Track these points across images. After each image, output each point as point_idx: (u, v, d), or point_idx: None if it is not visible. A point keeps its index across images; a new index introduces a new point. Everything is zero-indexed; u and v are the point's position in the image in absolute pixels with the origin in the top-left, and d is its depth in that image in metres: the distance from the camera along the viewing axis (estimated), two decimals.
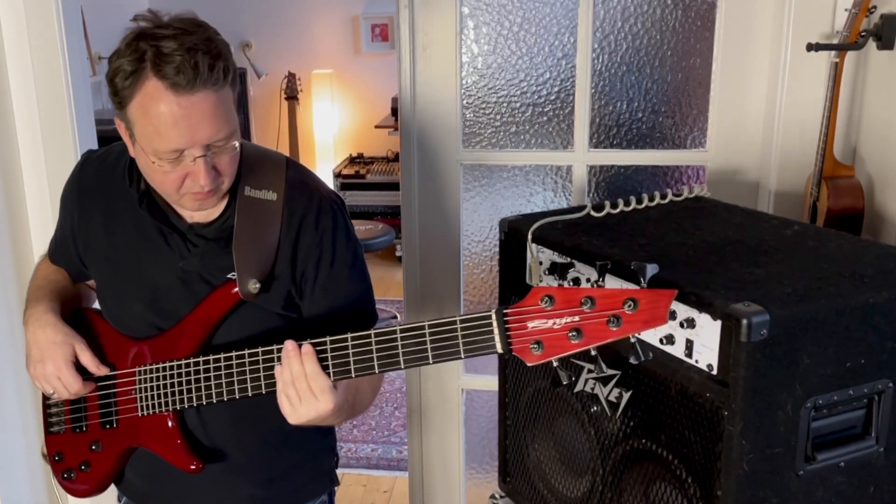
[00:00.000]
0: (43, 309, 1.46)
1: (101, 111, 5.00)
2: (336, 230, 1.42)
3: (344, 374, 1.27)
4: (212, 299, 1.40)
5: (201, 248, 1.41)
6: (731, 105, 2.20)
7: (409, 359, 1.25)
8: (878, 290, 1.33)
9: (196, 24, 1.26)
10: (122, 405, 1.44)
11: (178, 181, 1.29)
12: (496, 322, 1.20)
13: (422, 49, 2.25)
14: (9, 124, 2.27)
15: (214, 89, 1.23)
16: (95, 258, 1.49)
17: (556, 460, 1.69)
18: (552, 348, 1.16)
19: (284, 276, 1.41)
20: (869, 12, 1.90)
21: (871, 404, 1.36)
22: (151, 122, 1.23)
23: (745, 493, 1.28)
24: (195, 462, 1.43)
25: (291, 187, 1.42)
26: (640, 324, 1.13)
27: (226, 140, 1.28)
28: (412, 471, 2.58)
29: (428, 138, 2.31)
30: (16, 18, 2.22)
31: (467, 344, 1.22)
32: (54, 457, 1.51)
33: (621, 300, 1.13)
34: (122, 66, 1.22)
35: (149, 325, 1.44)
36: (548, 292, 1.16)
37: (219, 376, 1.34)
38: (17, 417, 2.31)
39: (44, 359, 1.42)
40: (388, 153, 6.20)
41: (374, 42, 6.06)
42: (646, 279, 1.16)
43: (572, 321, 1.15)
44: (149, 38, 1.22)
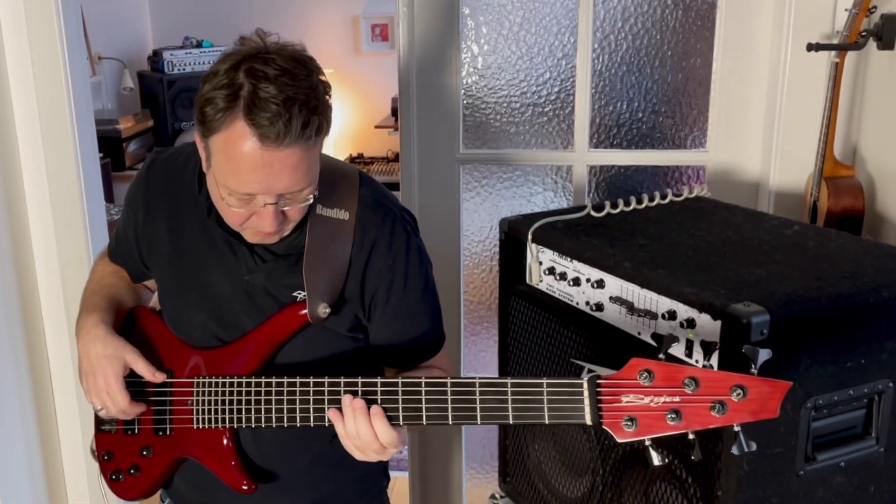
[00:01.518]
0: (94, 321, 1.41)
1: (101, 111, 5.00)
2: (409, 252, 1.38)
3: (415, 421, 1.22)
4: (279, 318, 1.36)
5: (269, 264, 1.36)
6: (731, 105, 2.20)
7: (486, 415, 1.18)
8: (878, 290, 1.33)
9: (302, 66, 1.19)
10: (177, 414, 1.40)
11: (243, 217, 1.26)
12: (587, 392, 1.13)
13: (422, 49, 2.25)
14: (9, 124, 2.27)
15: (304, 147, 1.18)
16: (158, 262, 1.45)
17: (556, 460, 1.69)
18: (647, 427, 1.10)
19: (354, 298, 1.36)
20: (869, 12, 1.90)
21: (871, 404, 1.36)
22: (231, 162, 1.19)
23: (745, 493, 1.29)
24: (248, 483, 1.39)
25: (364, 206, 1.37)
26: (748, 414, 1.06)
27: (301, 191, 1.24)
28: (412, 471, 2.58)
29: (428, 139, 2.31)
30: (16, 18, 2.21)
31: (553, 409, 1.15)
32: (103, 455, 1.47)
33: (729, 386, 1.06)
34: (216, 99, 1.16)
35: (210, 335, 1.40)
36: (647, 366, 1.09)
37: (280, 401, 1.29)
38: (17, 417, 2.31)
39: (94, 372, 1.38)
40: (388, 153, 6.20)
41: (374, 42, 6.05)
42: (757, 365, 1.08)
43: (672, 401, 1.08)
44: (249, 73, 1.15)
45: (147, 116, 5.12)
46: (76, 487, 2.55)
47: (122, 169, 4.75)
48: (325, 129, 1.21)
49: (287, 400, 1.29)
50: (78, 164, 2.30)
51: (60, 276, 2.37)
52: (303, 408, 1.28)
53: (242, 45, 1.20)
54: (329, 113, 1.22)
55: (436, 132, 2.30)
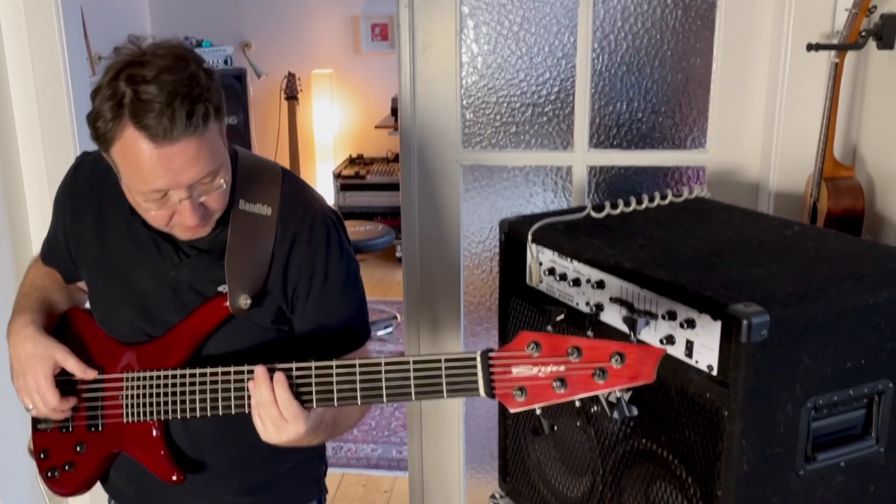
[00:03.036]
0: (24, 322, 1.44)
1: None
2: (329, 246, 1.41)
3: (326, 402, 1.27)
4: (202, 312, 1.40)
5: (193, 259, 1.40)
6: (731, 105, 2.20)
7: (391, 393, 1.24)
8: (878, 290, 1.33)
9: (180, 59, 1.22)
10: (109, 409, 1.43)
11: (166, 218, 1.30)
12: (480, 365, 1.18)
13: (422, 49, 2.25)
14: (9, 124, 2.27)
15: (196, 135, 1.21)
16: (86, 261, 1.49)
17: (556, 460, 1.69)
18: (535, 396, 1.15)
19: (276, 291, 1.40)
20: (869, 12, 1.90)
21: (871, 404, 1.36)
22: (132, 168, 1.23)
23: (745, 493, 1.29)
24: (177, 473, 1.42)
25: (286, 202, 1.41)
26: (626, 379, 1.12)
27: (211, 178, 1.27)
28: (412, 471, 2.58)
29: (428, 138, 2.31)
30: (16, 18, 2.21)
31: (451, 384, 1.20)
32: (40, 454, 1.51)
33: (608, 353, 1.12)
34: (103, 112, 1.20)
35: (137, 331, 1.43)
36: (535, 338, 1.15)
37: (203, 391, 1.34)
38: (17, 418, 2.31)
39: (24, 372, 1.41)
40: (388, 154, 6.20)
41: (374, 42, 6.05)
42: (637, 333, 1.17)
43: (557, 370, 1.14)
44: (128, 80, 1.19)
45: None
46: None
47: None
48: (215, 113, 1.24)
49: (210, 390, 1.33)
50: None
51: None
52: (224, 396, 1.32)
53: (118, 55, 1.24)
54: (217, 97, 1.25)
55: (436, 132, 2.30)
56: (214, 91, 1.25)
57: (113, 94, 1.20)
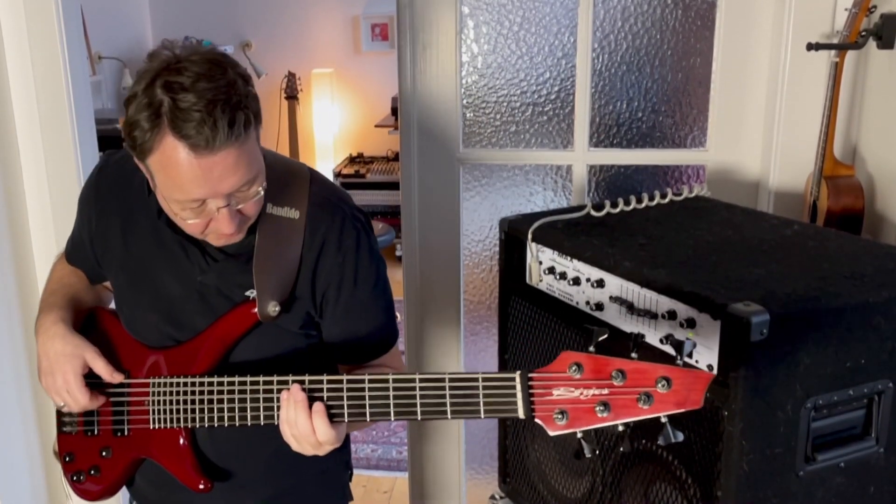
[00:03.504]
0: (53, 319, 1.42)
1: (101, 111, 5.00)
2: (359, 251, 1.38)
3: (358, 418, 1.23)
4: (230, 317, 1.37)
5: (221, 264, 1.37)
6: (731, 104, 2.20)
7: (426, 410, 1.19)
8: (878, 290, 1.33)
9: (216, 65, 1.19)
10: (135, 415, 1.41)
11: (202, 226, 1.27)
12: (520, 385, 1.14)
13: (422, 49, 2.25)
14: (9, 124, 2.27)
15: (237, 144, 1.17)
16: (112, 264, 1.46)
17: (556, 460, 1.69)
18: (577, 420, 1.11)
19: (305, 296, 1.37)
20: (869, 12, 1.90)
21: (871, 404, 1.36)
22: (171, 178, 1.19)
23: (745, 494, 1.28)
24: (204, 482, 1.40)
25: (314, 205, 1.37)
26: (672, 405, 1.07)
27: (249, 185, 1.24)
28: (412, 471, 2.58)
29: (428, 138, 2.31)
30: (16, 18, 2.21)
31: (488, 404, 1.16)
32: (65, 457, 1.49)
33: (654, 377, 1.07)
34: (140, 122, 1.16)
35: (164, 335, 1.41)
36: (577, 360, 1.10)
37: (232, 400, 1.31)
38: (17, 418, 2.31)
39: (53, 371, 1.39)
40: (388, 153, 6.20)
41: (374, 42, 6.05)
42: (683, 356, 1.10)
43: (600, 394, 1.10)
44: (165, 87, 1.15)
45: None
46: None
47: None
48: (254, 121, 1.22)
49: (238, 399, 1.30)
50: (78, 164, 2.30)
51: None
52: (253, 406, 1.29)
53: (152, 61, 1.20)
54: (254, 103, 1.22)
55: (436, 132, 2.30)
56: (252, 97, 1.22)
57: (150, 102, 1.15)
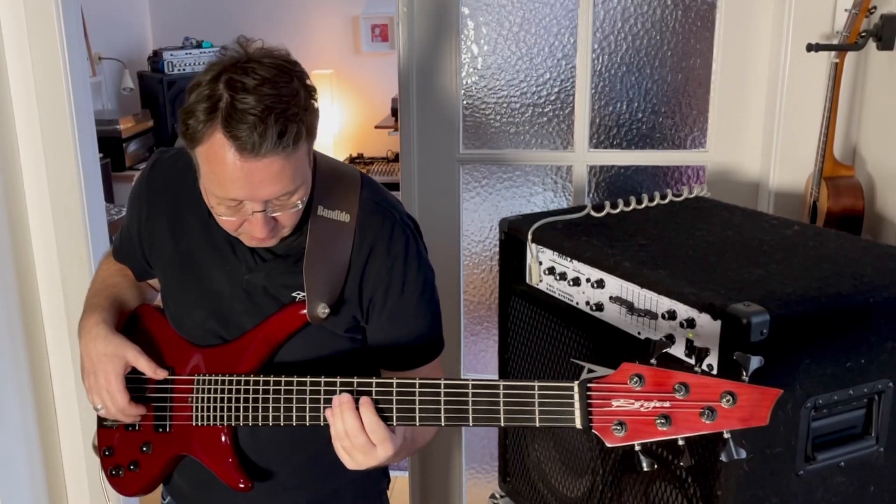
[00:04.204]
0: (95, 320, 1.42)
1: (101, 111, 5.00)
2: (408, 257, 1.38)
3: (408, 421, 1.22)
4: (278, 318, 1.37)
5: (269, 264, 1.38)
6: (731, 105, 2.20)
7: (478, 416, 1.18)
8: (878, 290, 1.33)
9: (284, 72, 1.20)
10: (177, 411, 1.40)
11: (236, 224, 1.28)
12: (578, 395, 1.12)
13: (422, 49, 2.25)
14: (9, 124, 2.27)
15: (283, 155, 1.18)
16: (161, 261, 1.46)
17: (556, 460, 1.69)
18: (637, 432, 1.09)
19: (352, 299, 1.37)
20: (869, 12, 1.90)
21: (871, 404, 1.36)
22: (214, 172, 1.21)
23: (745, 493, 1.29)
24: (244, 481, 1.40)
25: (365, 209, 1.38)
26: (737, 421, 1.05)
27: (289, 196, 1.25)
28: (412, 471, 2.58)
29: (428, 138, 2.31)
30: (16, 18, 2.21)
31: (544, 413, 1.15)
32: (104, 451, 1.48)
33: (719, 392, 1.05)
34: (197, 112, 1.17)
35: (210, 333, 1.41)
36: (638, 371, 1.09)
37: (277, 400, 1.30)
38: (17, 417, 2.31)
39: (95, 371, 1.39)
40: (388, 153, 6.20)
41: (374, 42, 6.05)
42: (748, 372, 1.07)
43: (662, 406, 1.08)
44: (228, 84, 1.16)
45: (147, 117, 5.13)
46: (76, 487, 2.55)
47: (122, 169, 4.75)
48: (307, 134, 1.22)
49: (284, 399, 1.29)
50: (78, 164, 2.30)
51: (60, 276, 2.37)
52: (299, 407, 1.28)
53: (224, 54, 1.21)
54: (312, 117, 1.23)
55: (436, 132, 2.30)
56: (311, 111, 1.23)
57: (210, 95, 1.17)
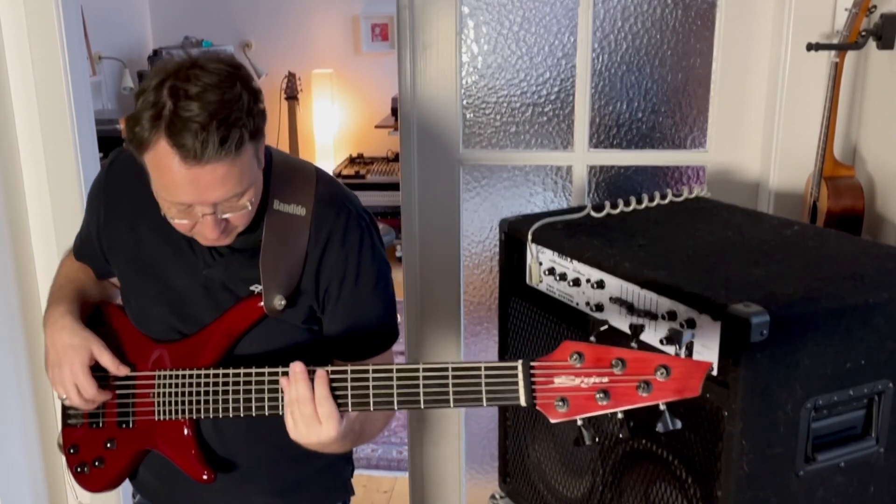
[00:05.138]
0: (61, 311, 1.45)
1: (101, 111, 5.00)
2: (362, 248, 1.41)
3: (362, 407, 1.25)
4: (236, 311, 1.40)
5: (227, 258, 1.40)
6: (731, 105, 2.20)
7: (429, 399, 1.22)
8: (878, 290, 1.33)
9: (227, 77, 1.21)
10: (140, 407, 1.43)
11: (188, 226, 1.30)
12: (522, 374, 1.16)
13: (422, 49, 2.25)
14: (9, 124, 2.27)
15: (227, 160, 1.20)
16: (120, 258, 1.49)
17: (556, 460, 1.69)
18: (578, 407, 1.14)
19: (309, 291, 1.40)
20: (869, 12, 1.90)
21: (871, 404, 1.36)
22: (161, 178, 1.23)
23: (745, 494, 1.29)
24: (207, 472, 1.42)
25: (320, 202, 1.41)
26: (671, 392, 1.10)
27: (237, 198, 1.27)
28: (412, 471, 2.58)
29: (428, 138, 2.31)
30: (16, 18, 2.21)
31: (490, 392, 1.19)
32: (69, 449, 1.51)
33: (653, 366, 1.10)
34: (142, 119, 1.20)
35: (170, 328, 1.44)
36: (578, 349, 1.13)
37: (237, 391, 1.33)
38: (17, 417, 2.31)
39: (60, 362, 1.41)
40: (388, 153, 6.20)
41: (374, 42, 6.05)
42: (681, 346, 1.14)
43: (601, 382, 1.12)
44: (172, 92, 1.18)
45: None
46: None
47: None
48: (252, 137, 1.24)
49: (243, 390, 1.33)
50: (78, 164, 2.30)
51: None
52: (258, 397, 1.31)
53: (168, 61, 1.23)
54: (257, 120, 1.24)
55: (436, 133, 2.30)
56: (256, 114, 1.24)
57: (155, 102, 1.19)
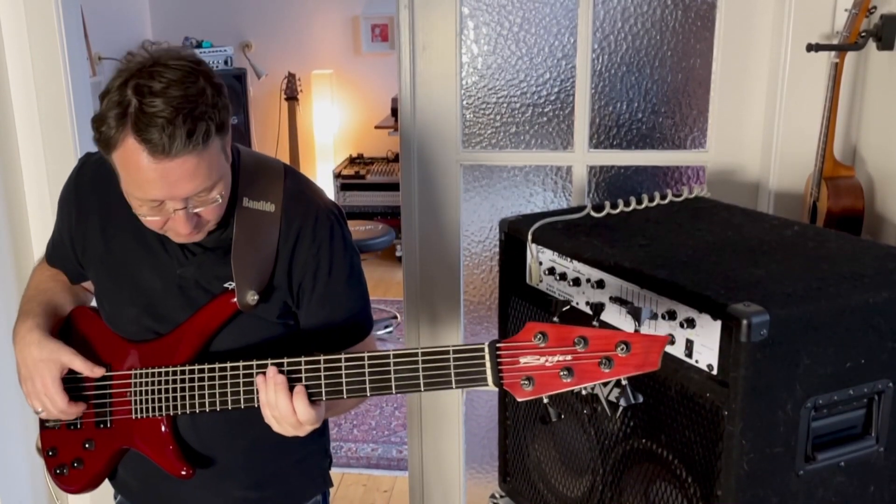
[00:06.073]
0: (28, 327, 1.45)
1: None
2: (333, 241, 1.43)
3: (336, 395, 1.29)
4: (210, 308, 1.41)
5: (199, 257, 1.42)
6: (731, 105, 2.20)
7: (400, 384, 1.25)
8: (878, 290, 1.33)
9: (190, 72, 1.23)
10: (117, 406, 1.44)
11: (160, 223, 1.32)
12: (488, 355, 1.20)
13: (422, 49, 2.25)
14: (9, 124, 2.27)
15: (195, 153, 1.22)
16: (92, 261, 1.50)
17: (556, 460, 1.69)
18: (543, 385, 1.17)
19: (282, 286, 1.42)
20: (869, 13, 1.91)
21: (871, 404, 1.36)
22: (130, 175, 1.25)
23: (745, 493, 1.29)
24: (186, 468, 1.44)
25: (289, 198, 1.42)
26: (632, 367, 1.13)
27: (207, 192, 1.29)
28: (412, 471, 2.58)
29: (428, 138, 2.31)
30: (16, 18, 2.21)
31: (459, 375, 1.22)
32: (48, 452, 1.52)
33: (614, 342, 1.14)
34: (108, 119, 1.21)
35: (145, 329, 1.45)
36: (541, 329, 1.16)
37: (213, 386, 1.35)
38: (17, 417, 2.31)
39: (32, 377, 1.43)
40: (388, 153, 6.20)
41: (374, 42, 6.05)
42: (641, 322, 1.20)
43: (564, 360, 1.16)
44: (136, 90, 1.20)
45: None
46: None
47: None
48: (218, 130, 1.25)
49: (219, 385, 1.35)
50: None
51: None
52: (233, 391, 1.34)
53: (130, 60, 1.24)
54: (223, 114, 1.26)
55: (436, 133, 2.30)
56: (221, 107, 1.26)
57: (119, 101, 1.21)
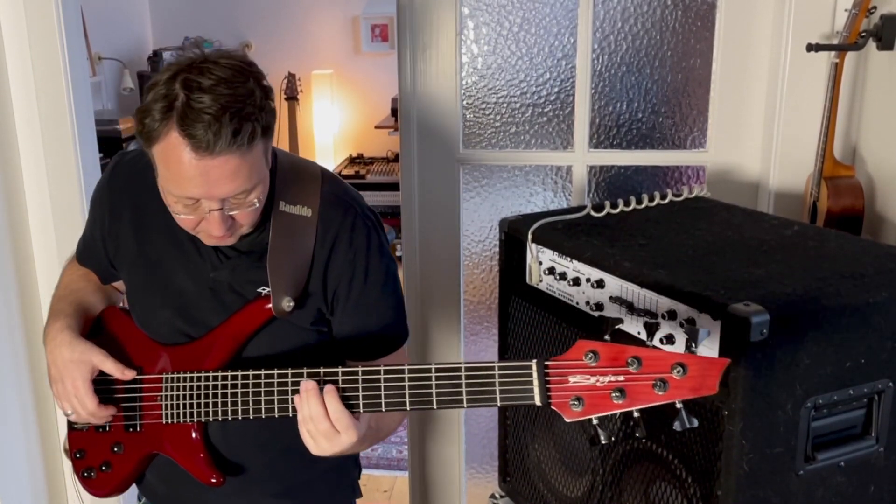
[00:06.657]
0: (59, 327, 1.43)
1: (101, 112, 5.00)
2: (370, 248, 1.40)
3: (374, 408, 1.25)
4: (244, 313, 1.39)
5: (233, 261, 1.39)
6: (731, 105, 2.20)
7: (442, 399, 1.21)
8: (878, 290, 1.33)
9: (239, 73, 1.22)
10: (147, 410, 1.42)
11: (194, 223, 1.29)
12: (536, 373, 1.16)
13: (422, 49, 2.25)
14: (9, 124, 2.27)
15: (238, 153, 1.20)
16: (125, 262, 1.47)
17: (556, 460, 1.69)
18: (593, 406, 1.13)
19: (317, 293, 1.40)
20: (869, 13, 1.91)
21: (871, 404, 1.36)
22: (170, 171, 1.22)
23: (745, 493, 1.29)
24: (216, 475, 1.41)
25: (326, 203, 1.40)
26: (688, 390, 1.09)
27: (246, 195, 1.26)
28: (412, 471, 2.58)
29: (428, 138, 2.31)
30: (16, 18, 2.21)
31: (504, 392, 1.18)
32: (76, 454, 1.49)
33: (670, 364, 1.10)
34: (153, 111, 1.19)
35: (177, 331, 1.43)
36: (593, 347, 1.13)
37: (246, 394, 1.32)
38: (17, 417, 2.31)
39: (63, 378, 1.40)
40: (388, 153, 6.20)
41: (374, 42, 6.05)
42: (697, 344, 1.13)
43: (616, 381, 1.12)
44: (184, 84, 1.18)
45: None
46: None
47: None
48: (262, 133, 1.24)
49: (252, 392, 1.32)
50: (78, 164, 2.30)
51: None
52: (267, 399, 1.31)
53: (181, 55, 1.23)
54: (269, 117, 1.25)
55: (436, 132, 2.30)
56: (267, 111, 1.24)
57: (166, 94, 1.19)
